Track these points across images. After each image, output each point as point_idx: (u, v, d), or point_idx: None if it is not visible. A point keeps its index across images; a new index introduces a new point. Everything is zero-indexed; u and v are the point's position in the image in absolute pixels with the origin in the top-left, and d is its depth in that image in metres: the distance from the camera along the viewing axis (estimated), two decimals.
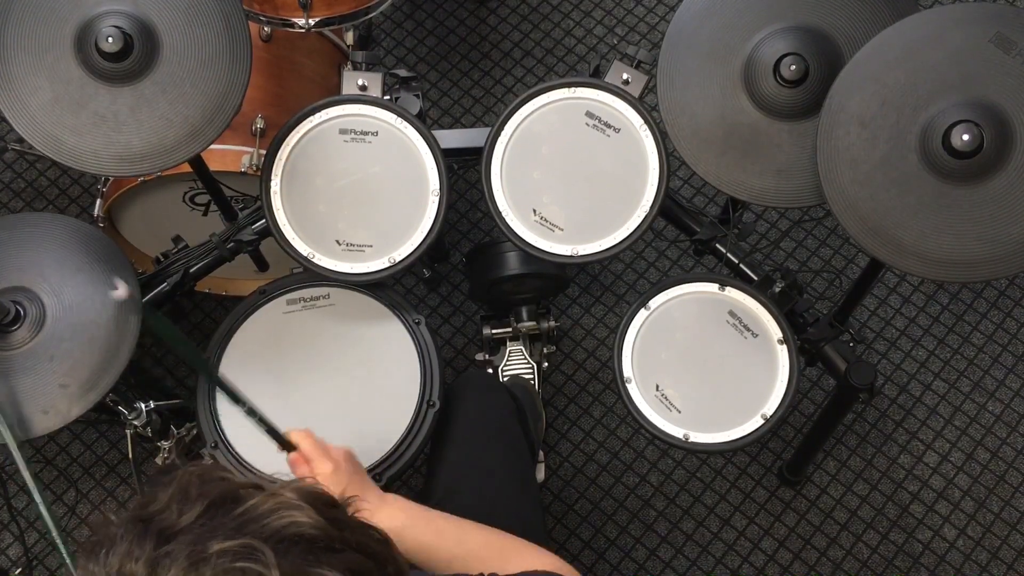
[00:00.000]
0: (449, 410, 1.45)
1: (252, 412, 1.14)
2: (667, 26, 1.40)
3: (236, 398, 1.14)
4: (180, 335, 1.07)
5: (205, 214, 1.82)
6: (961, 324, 2.12)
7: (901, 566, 1.94)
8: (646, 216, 1.41)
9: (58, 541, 1.16)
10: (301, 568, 0.62)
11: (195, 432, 1.69)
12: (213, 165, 1.53)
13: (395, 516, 1.12)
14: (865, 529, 1.96)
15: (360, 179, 1.44)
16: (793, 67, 1.30)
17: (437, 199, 1.43)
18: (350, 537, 0.67)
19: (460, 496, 1.35)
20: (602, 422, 2.05)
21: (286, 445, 1.15)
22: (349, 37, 1.80)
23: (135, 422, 1.58)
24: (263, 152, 1.50)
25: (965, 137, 1.17)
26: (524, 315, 1.89)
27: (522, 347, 1.92)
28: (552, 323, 1.91)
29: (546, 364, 1.98)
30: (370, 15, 1.70)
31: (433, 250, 1.71)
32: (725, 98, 1.35)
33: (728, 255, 1.57)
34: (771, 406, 1.42)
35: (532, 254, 1.44)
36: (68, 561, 1.08)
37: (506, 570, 0.99)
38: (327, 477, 1.11)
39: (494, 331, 1.90)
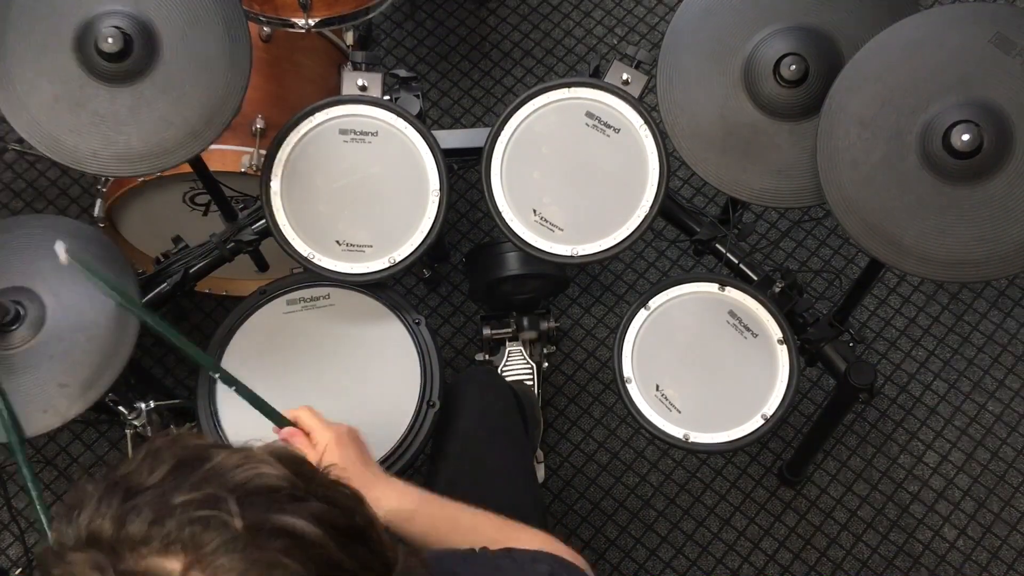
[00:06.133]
0: (451, 406, 1.45)
1: (244, 390, 1.11)
2: (667, 26, 1.40)
3: (236, 383, 1.12)
4: (166, 325, 1.06)
5: (205, 214, 1.82)
6: (961, 324, 2.12)
7: (901, 566, 1.94)
8: (646, 216, 1.41)
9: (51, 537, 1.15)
10: (263, 515, 0.63)
11: (195, 432, 1.69)
12: (213, 165, 1.53)
13: (405, 498, 1.10)
14: (865, 529, 1.96)
15: (360, 179, 1.44)
16: (793, 67, 1.30)
17: (437, 199, 1.43)
18: (316, 489, 0.67)
19: (461, 491, 1.35)
20: (602, 422, 2.05)
21: (284, 423, 1.14)
22: (349, 37, 1.81)
23: (135, 422, 1.58)
24: (263, 152, 1.50)
25: (965, 137, 1.17)
26: (525, 323, 1.89)
27: (522, 347, 1.92)
28: (552, 323, 1.91)
29: (546, 364, 1.98)
30: (370, 15, 1.70)
31: (433, 250, 1.71)
32: (725, 98, 1.35)
33: (728, 255, 1.57)
34: (771, 406, 1.42)
35: (532, 254, 1.44)
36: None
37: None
38: (329, 446, 1.09)
39: (494, 331, 1.90)
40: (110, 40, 1.24)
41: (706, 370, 1.45)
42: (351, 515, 0.68)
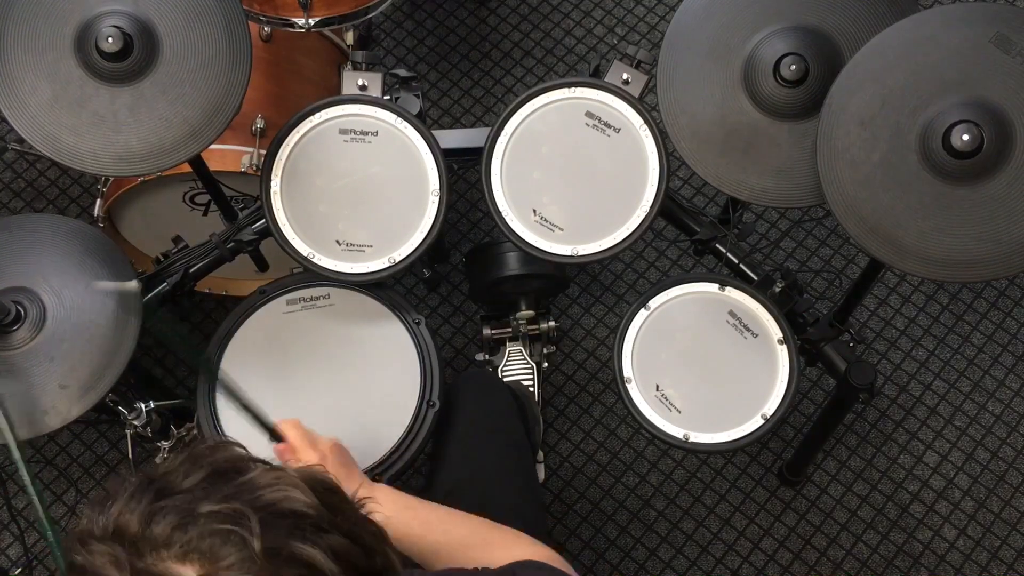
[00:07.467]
0: (451, 408, 1.46)
1: (237, 396, 1.12)
2: (667, 26, 1.41)
3: (229, 388, 1.13)
4: (174, 327, 1.07)
5: (205, 214, 1.82)
6: (961, 324, 2.12)
7: (901, 566, 1.94)
8: (646, 216, 1.41)
9: (52, 541, 1.15)
10: (283, 541, 0.63)
11: (195, 432, 1.69)
12: (213, 165, 1.53)
13: (384, 506, 1.11)
14: (865, 529, 1.96)
15: (360, 179, 1.44)
16: (793, 67, 1.30)
17: (437, 199, 1.43)
18: (342, 523, 0.68)
19: (462, 495, 1.35)
20: (602, 422, 2.05)
21: (274, 435, 1.15)
22: (349, 37, 1.80)
23: (135, 422, 1.58)
24: (263, 152, 1.50)
25: (965, 137, 1.17)
26: (523, 320, 1.89)
27: (522, 347, 1.91)
28: (552, 323, 1.91)
29: (546, 364, 1.98)
30: (370, 15, 1.70)
31: (433, 250, 1.71)
32: (725, 98, 1.35)
33: (728, 255, 1.57)
34: (771, 406, 1.42)
35: (532, 254, 1.44)
36: (61, 564, 1.08)
37: (494, 561, 0.99)
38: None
39: (494, 331, 1.90)
40: (110, 40, 1.24)
41: (706, 370, 1.45)
42: (371, 555, 0.69)
